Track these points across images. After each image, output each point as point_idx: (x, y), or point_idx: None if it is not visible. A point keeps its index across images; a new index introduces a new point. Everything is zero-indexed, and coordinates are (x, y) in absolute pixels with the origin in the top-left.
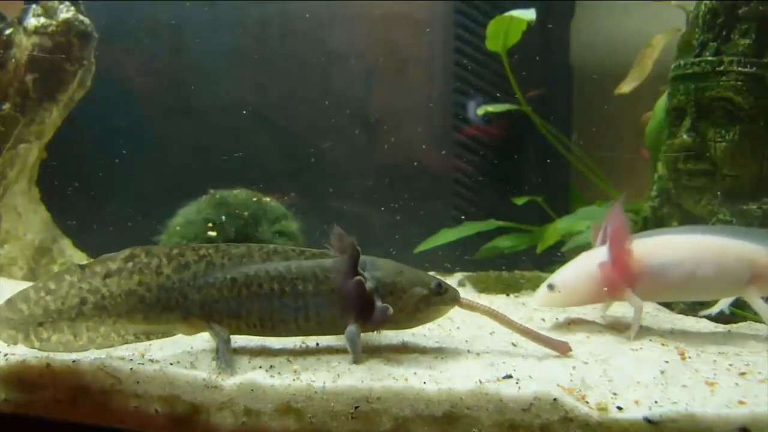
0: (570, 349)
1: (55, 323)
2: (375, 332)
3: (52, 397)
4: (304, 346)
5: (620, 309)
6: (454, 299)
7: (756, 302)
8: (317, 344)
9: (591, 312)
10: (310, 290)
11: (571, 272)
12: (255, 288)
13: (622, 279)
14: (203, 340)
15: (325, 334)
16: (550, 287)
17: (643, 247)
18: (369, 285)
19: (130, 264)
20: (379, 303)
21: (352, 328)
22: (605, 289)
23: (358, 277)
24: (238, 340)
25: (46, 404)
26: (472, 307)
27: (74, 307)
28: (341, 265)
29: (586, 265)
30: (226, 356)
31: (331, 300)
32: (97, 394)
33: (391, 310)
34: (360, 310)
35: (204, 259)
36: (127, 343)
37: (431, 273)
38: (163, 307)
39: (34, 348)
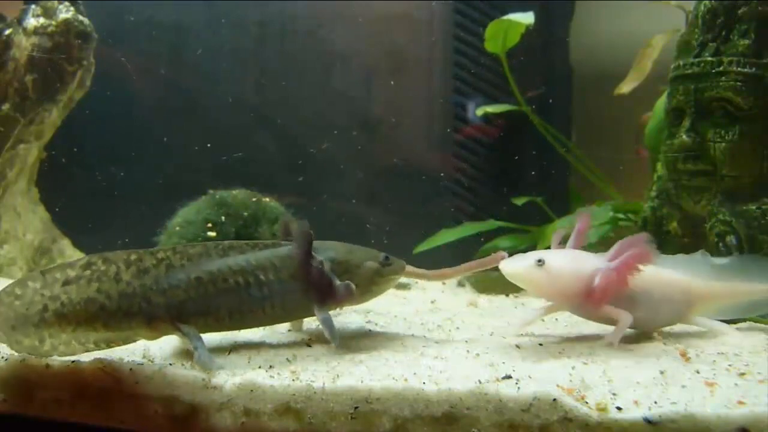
0: (504, 257)
1: (24, 328)
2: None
3: (52, 397)
4: (303, 346)
5: None
6: (402, 267)
7: (698, 322)
8: (308, 345)
9: None
10: (272, 278)
11: (563, 261)
12: (221, 284)
13: (608, 295)
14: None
15: (293, 319)
16: (540, 262)
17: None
18: (327, 266)
19: (87, 272)
20: (338, 282)
21: (322, 312)
22: (587, 295)
23: (318, 260)
24: (239, 341)
25: (46, 404)
26: (416, 274)
27: (37, 313)
28: (297, 251)
29: (579, 262)
30: (205, 352)
31: (294, 286)
32: (96, 394)
33: (353, 286)
34: (322, 292)
35: (163, 262)
36: (88, 351)
37: None
38: (124, 314)
39: (12, 350)
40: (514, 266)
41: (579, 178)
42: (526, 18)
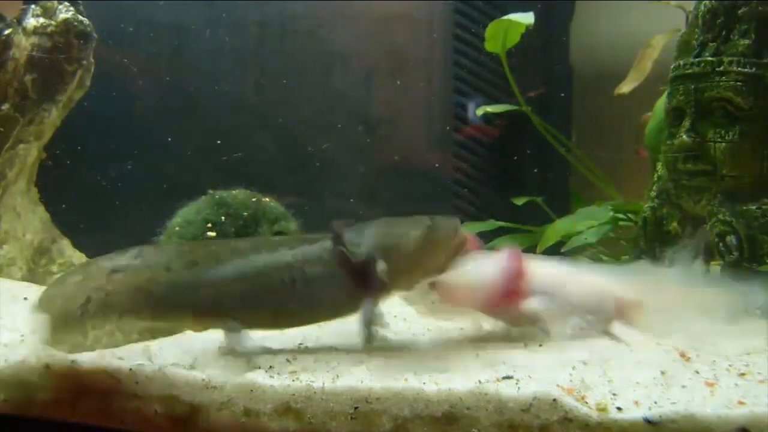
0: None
1: (66, 325)
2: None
3: (52, 397)
4: (303, 346)
5: None
6: (454, 226)
7: (619, 332)
8: (308, 345)
9: None
10: (320, 274)
11: (455, 274)
12: (264, 280)
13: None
14: (202, 340)
15: (342, 316)
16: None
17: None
18: (361, 250)
19: (137, 261)
20: (376, 275)
21: (367, 307)
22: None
23: (350, 259)
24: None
25: (46, 405)
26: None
27: (80, 306)
28: (333, 251)
29: (471, 271)
30: (244, 350)
31: (342, 281)
32: (96, 395)
33: (385, 269)
34: (365, 287)
35: (213, 255)
36: (131, 341)
37: None
38: (172, 304)
39: (59, 351)
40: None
41: (579, 178)
42: (526, 18)
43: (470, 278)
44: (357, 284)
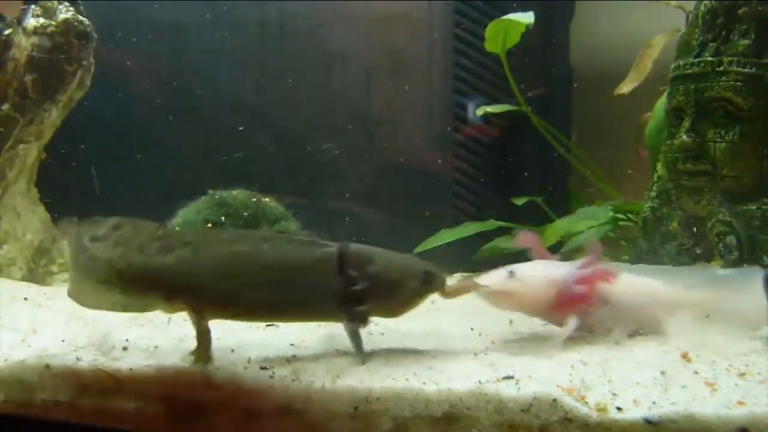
0: None
1: (74, 272)
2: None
3: (52, 397)
4: (303, 346)
5: None
6: (442, 284)
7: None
8: (308, 345)
9: None
10: (302, 280)
11: (534, 271)
12: (245, 277)
13: (586, 301)
14: None
15: (318, 321)
16: (511, 273)
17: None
18: (361, 286)
19: (115, 233)
20: (362, 307)
21: (350, 325)
22: (559, 302)
23: (357, 279)
24: (239, 340)
25: (46, 405)
26: (467, 288)
27: (81, 260)
28: (337, 273)
29: (549, 271)
30: (207, 349)
31: (322, 292)
32: (96, 395)
33: (368, 315)
34: (350, 310)
35: (190, 245)
36: (106, 309)
37: None
38: (142, 286)
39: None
40: (489, 281)
41: (579, 178)
42: (526, 18)
43: (547, 278)
44: (341, 304)
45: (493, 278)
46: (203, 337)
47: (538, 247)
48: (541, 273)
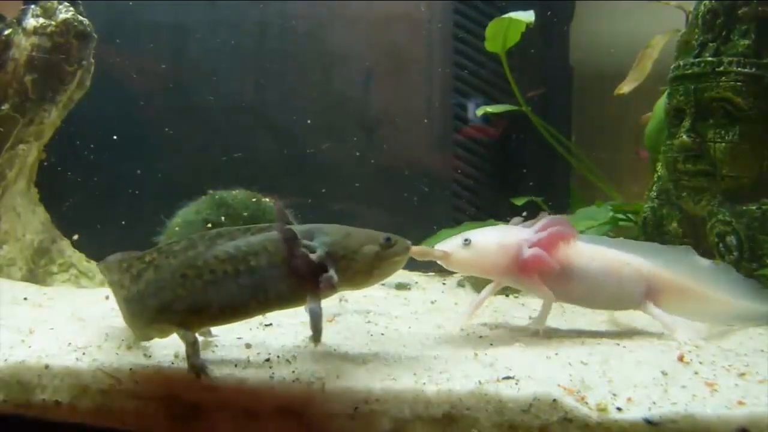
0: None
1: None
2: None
3: (52, 397)
4: (303, 346)
5: (623, 313)
6: (406, 248)
7: (653, 312)
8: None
9: (590, 314)
10: (264, 264)
11: (489, 237)
12: (208, 276)
13: (541, 265)
14: (203, 341)
15: (291, 307)
16: (466, 242)
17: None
18: (320, 253)
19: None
20: (327, 273)
21: (312, 302)
22: (517, 266)
23: (302, 250)
24: (239, 340)
25: (46, 405)
26: (425, 253)
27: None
28: (281, 239)
29: (506, 237)
30: (197, 356)
31: (286, 273)
32: (96, 395)
33: (335, 278)
34: (308, 281)
35: (151, 265)
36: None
37: (430, 273)
38: (133, 317)
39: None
40: (445, 247)
41: (579, 178)
42: (527, 16)
43: (499, 244)
44: (303, 281)
45: (449, 245)
46: (191, 348)
47: (568, 228)
48: (494, 238)
